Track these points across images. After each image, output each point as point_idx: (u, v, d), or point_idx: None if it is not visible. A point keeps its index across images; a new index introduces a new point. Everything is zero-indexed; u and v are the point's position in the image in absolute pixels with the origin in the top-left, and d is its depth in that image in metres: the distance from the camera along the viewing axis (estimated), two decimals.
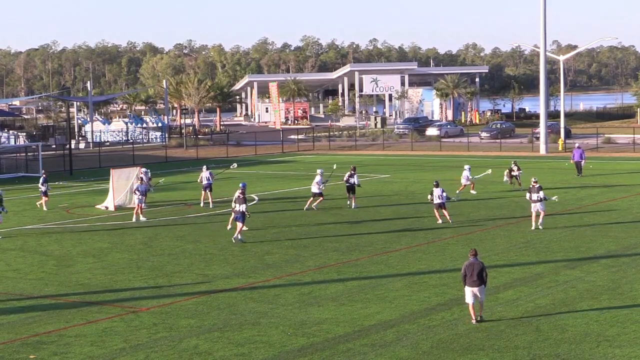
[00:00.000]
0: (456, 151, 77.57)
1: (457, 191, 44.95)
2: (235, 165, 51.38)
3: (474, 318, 21.25)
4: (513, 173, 47.93)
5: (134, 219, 38.38)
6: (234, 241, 32.51)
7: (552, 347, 19.10)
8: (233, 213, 33.95)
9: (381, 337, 20.18)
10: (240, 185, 34.75)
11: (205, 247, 32.17)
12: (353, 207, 41.22)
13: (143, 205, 39.69)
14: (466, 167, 45.64)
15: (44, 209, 43.57)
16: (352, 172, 41.75)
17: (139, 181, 39.52)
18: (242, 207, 32.64)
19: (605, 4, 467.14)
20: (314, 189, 41.06)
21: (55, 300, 24.63)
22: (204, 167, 44.89)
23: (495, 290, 24.28)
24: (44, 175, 44.74)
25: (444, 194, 36.31)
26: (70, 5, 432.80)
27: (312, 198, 41.28)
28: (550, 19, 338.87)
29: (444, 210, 36.29)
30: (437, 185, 36.47)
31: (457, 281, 24.05)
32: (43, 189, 43.69)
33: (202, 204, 43.27)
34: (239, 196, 33.05)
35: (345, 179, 42.23)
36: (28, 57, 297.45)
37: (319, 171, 41.78)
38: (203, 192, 43.47)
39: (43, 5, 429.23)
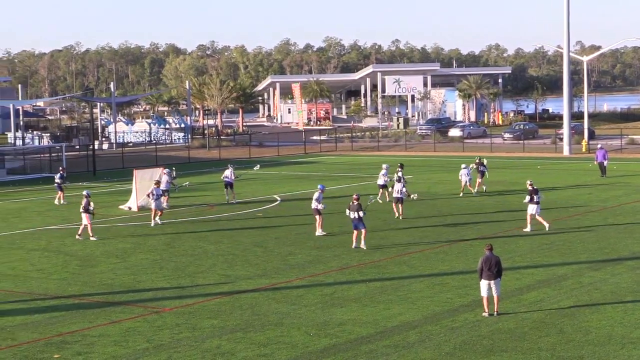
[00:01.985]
0: (479, 152, 77.18)
1: (461, 193, 45.62)
2: (258, 166, 51.73)
3: (486, 310, 21.75)
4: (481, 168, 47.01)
5: (152, 224, 37.72)
6: (365, 248, 30.99)
7: (575, 349, 19.00)
8: (315, 215, 34.14)
9: (404, 338, 20.14)
10: (319, 187, 34.80)
11: (228, 248, 32.22)
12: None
13: (166, 206, 39.73)
14: (463, 166, 46.48)
15: (62, 202, 46.05)
16: (400, 168, 43.57)
17: (156, 184, 39.23)
18: (360, 214, 30.87)
19: (629, 4, 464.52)
20: (380, 181, 43.50)
21: (79, 300, 24.75)
22: (229, 165, 46.66)
23: (519, 292, 24.20)
24: (60, 172, 46.50)
25: (404, 189, 37.88)
26: (93, 7, 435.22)
27: (381, 190, 43.35)
28: (574, 20, 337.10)
29: (400, 205, 37.88)
30: (398, 181, 38.34)
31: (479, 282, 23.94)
32: (58, 182, 46.29)
33: (227, 199, 45.09)
34: (352, 202, 31.29)
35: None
36: (52, 58, 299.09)
37: (384, 166, 44.35)
38: (225, 189, 45.44)
39: (67, 7, 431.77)
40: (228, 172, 44.98)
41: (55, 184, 46.65)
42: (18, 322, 22.34)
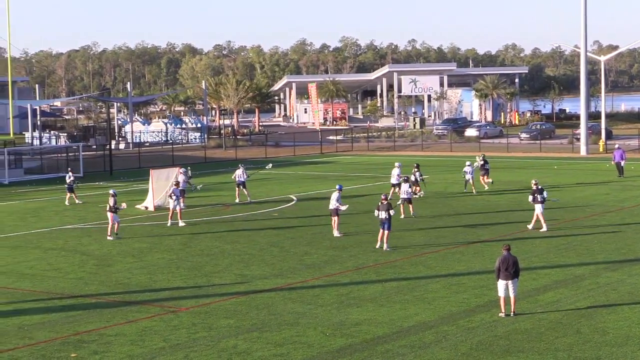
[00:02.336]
0: (495, 152, 77.12)
1: (473, 190, 46.65)
2: (270, 165, 51.77)
3: (503, 311, 21.76)
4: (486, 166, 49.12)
5: (169, 223, 37.92)
6: (389, 250, 30.72)
7: (593, 350, 18.93)
8: (332, 216, 33.95)
9: (420, 338, 20.12)
10: (338, 187, 34.81)
11: (244, 248, 32.25)
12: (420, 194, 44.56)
13: (182, 206, 39.75)
14: (467, 163, 47.82)
15: (76, 202, 46.43)
16: (416, 168, 45.09)
17: (175, 185, 39.28)
18: (391, 212, 30.81)
19: None
20: (393, 180, 43.91)
21: (96, 300, 24.83)
22: (240, 165, 47.24)
23: (536, 292, 24.12)
24: (70, 172, 47.78)
25: (409, 190, 38.65)
26: (110, 7, 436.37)
27: (392, 189, 43.89)
28: (591, 19, 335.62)
29: (410, 205, 38.44)
30: (406, 181, 39.19)
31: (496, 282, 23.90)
32: (70, 183, 46.79)
33: (237, 200, 45.30)
34: (381, 203, 31.20)
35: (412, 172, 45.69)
36: (69, 58, 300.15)
37: (396, 164, 45.01)
38: (237, 188, 45.69)
39: (83, 7, 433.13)
40: (240, 172, 45.28)
41: (67, 186, 46.94)
42: (35, 321, 22.45)
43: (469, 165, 47.05)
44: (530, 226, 34.68)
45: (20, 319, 22.68)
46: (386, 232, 30.99)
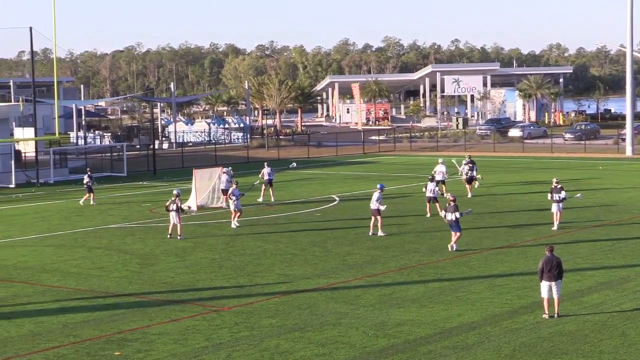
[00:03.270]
0: (539, 152, 76.61)
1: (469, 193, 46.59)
2: (294, 164, 51.97)
3: (546, 312, 21.60)
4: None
5: (233, 225, 37.13)
6: (454, 250, 30.53)
7: (638, 353, 18.71)
8: (376, 216, 33.95)
9: (463, 339, 20.02)
10: (379, 186, 34.89)
11: (286, 247, 32.30)
12: (469, 196, 44.97)
13: (225, 205, 39.81)
14: (464, 161, 47.91)
15: (92, 203, 46.34)
16: (471, 164, 46.07)
17: (234, 185, 39.14)
18: (457, 215, 30.31)
19: None
20: (439, 177, 43.95)
21: (139, 299, 25.01)
22: (265, 164, 48.10)
23: (580, 294, 23.91)
24: (89, 173, 47.38)
25: (437, 189, 38.69)
26: (154, 8, 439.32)
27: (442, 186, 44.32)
28: (637, 18, 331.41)
29: (436, 204, 38.24)
30: (432, 180, 39.34)
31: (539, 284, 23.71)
32: (88, 183, 46.54)
33: (261, 199, 45.81)
34: (449, 204, 30.95)
35: (465, 171, 46.28)
36: (113, 58, 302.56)
37: (440, 160, 45.94)
38: (269, 187, 46.38)
39: (128, 8, 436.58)
40: (267, 170, 46.16)
41: (85, 185, 46.98)
42: (80, 319, 22.66)
43: (465, 164, 47.16)
44: (555, 227, 34.48)
45: (65, 317, 22.92)
46: (457, 234, 30.69)
